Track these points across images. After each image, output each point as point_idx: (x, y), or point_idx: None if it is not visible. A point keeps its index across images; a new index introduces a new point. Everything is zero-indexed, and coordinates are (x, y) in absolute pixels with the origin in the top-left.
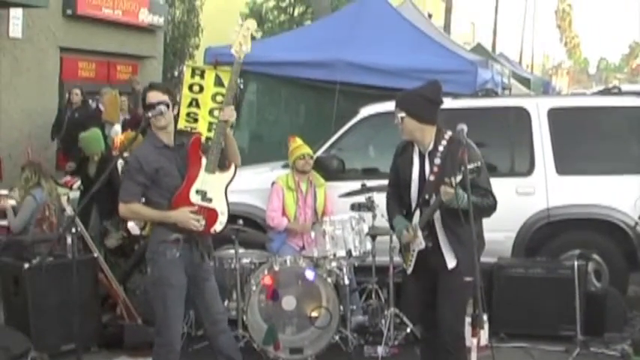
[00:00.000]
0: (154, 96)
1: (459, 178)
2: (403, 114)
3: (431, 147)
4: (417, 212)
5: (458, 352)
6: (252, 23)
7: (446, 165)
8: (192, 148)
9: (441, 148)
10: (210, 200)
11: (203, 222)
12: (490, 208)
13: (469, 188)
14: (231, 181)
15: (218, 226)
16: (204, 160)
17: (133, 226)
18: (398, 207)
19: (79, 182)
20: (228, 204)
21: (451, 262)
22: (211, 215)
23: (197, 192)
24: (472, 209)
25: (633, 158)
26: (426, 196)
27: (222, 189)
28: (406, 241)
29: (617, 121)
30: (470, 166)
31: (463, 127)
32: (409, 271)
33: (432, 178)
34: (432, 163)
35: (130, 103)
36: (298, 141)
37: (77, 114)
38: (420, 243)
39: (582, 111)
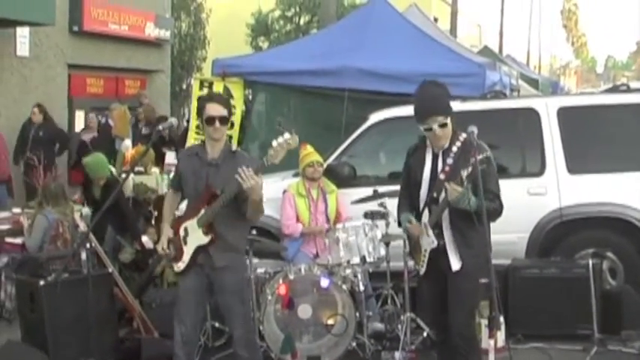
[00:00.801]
0: (213, 109)
1: (468, 169)
2: (448, 119)
3: (445, 146)
4: (426, 211)
5: (470, 355)
6: (295, 140)
7: (458, 165)
8: (204, 195)
9: (454, 149)
10: (185, 243)
11: (172, 254)
12: (495, 212)
13: (480, 180)
14: (201, 246)
15: (175, 267)
16: (202, 211)
17: (147, 241)
18: (407, 205)
19: None
20: (192, 260)
21: (455, 264)
22: (179, 255)
23: (185, 228)
24: (482, 207)
25: None
26: (434, 194)
27: (194, 246)
28: (413, 233)
29: (626, 118)
30: (479, 157)
31: (473, 129)
32: (422, 271)
33: (442, 176)
34: (444, 163)
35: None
36: (309, 148)
37: (41, 132)
38: (432, 242)
39: (591, 109)
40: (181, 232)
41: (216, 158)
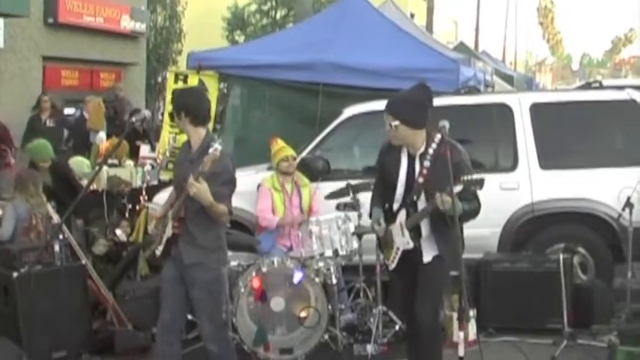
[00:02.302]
0: None
1: (458, 188)
2: (397, 122)
3: (422, 149)
4: (403, 211)
5: (433, 344)
6: (219, 150)
7: (436, 167)
8: (179, 189)
9: (431, 151)
10: (164, 232)
11: (158, 238)
12: (475, 212)
13: (452, 183)
14: (169, 238)
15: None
16: (176, 204)
17: (120, 233)
18: (379, 199)
19: None
20: (165, 249)
21: (427, 257)
22: (159, 241)
23: (166, 217)
24: (465, 216)
25: (615, 151)
26: (414, 198)
27: (165, 237)
28: (380, 234)
29: (598, 114)
30: (475, 177)
31: (445, 123)
32: (392, 267)
33: (420, 180)
34: (421, 166)
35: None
36: (280, 143)
37: None
38: (408, 243)
39: (564, 106)
40: (165, 220)
41: (193, 153)
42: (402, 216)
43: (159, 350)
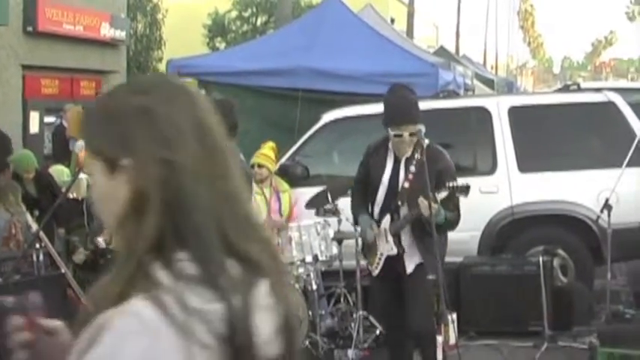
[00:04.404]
0: None
1: (443, 194)
2: (422, 126)
3: (408, 154)
4: (387, 217)
5: (431, 348)
6: None
7: (421, 173)
8: None
9: (417, 156)
10: None
11: None
12: (455, 223)
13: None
14: None
15: None
16: None
17: (100, 241)
18: (364, 204)
19: None
20: None
21: (410, 267)
22: None
23: None
24: (445, 225)
25: (593, 153)
26: (399, 203)
27: None
28: (370, 240)
29: (576, 117)
30: (460, 184)
31: (421, 127)
32: (375, 273)
33: (406, 185)
34: (407, 170)
35: None
36: (262, 148)
37: None
38: (392, 249)
39: (542, 109)
40: None
41: None
42: (386, 222)
43: None
